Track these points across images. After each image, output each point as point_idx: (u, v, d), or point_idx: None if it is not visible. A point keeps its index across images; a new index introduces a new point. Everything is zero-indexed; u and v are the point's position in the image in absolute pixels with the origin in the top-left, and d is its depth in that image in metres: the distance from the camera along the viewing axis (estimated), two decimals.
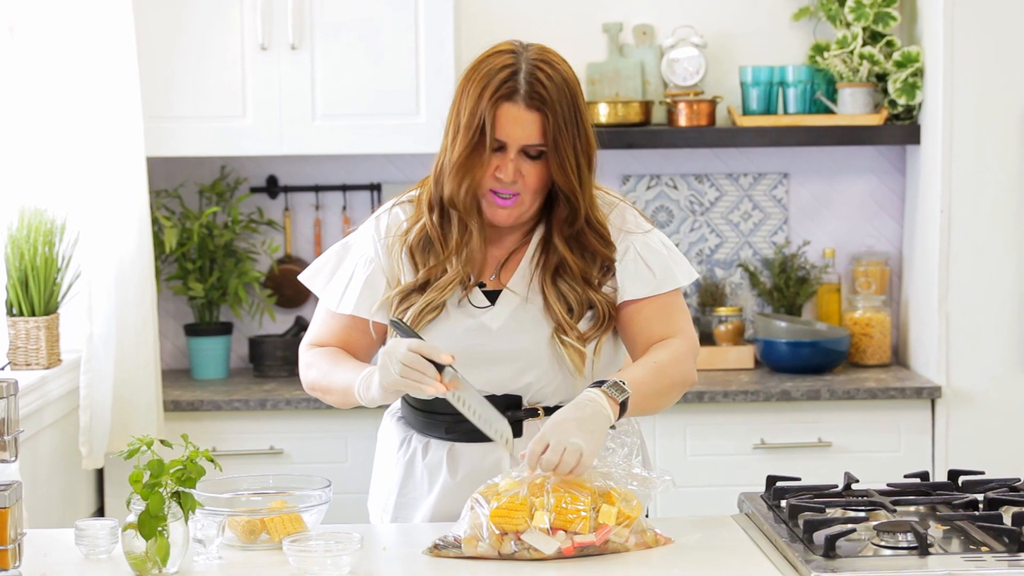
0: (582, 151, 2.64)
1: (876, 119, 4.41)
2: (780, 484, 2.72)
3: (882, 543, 2.41)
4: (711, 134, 4.43)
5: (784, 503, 2.63)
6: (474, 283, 2.70)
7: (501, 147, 2.62)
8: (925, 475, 2.79)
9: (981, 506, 2.62)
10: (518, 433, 2.65)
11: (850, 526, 2.43)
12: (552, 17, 4.58)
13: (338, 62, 4.26)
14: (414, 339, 2.53)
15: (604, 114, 4.43)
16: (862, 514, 2.53)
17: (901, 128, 4.41)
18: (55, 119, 3.98)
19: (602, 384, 2.51)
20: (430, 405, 2.72)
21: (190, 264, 4.46)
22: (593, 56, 4.60)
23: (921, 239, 4.42)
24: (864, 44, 4.44)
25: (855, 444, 4.20)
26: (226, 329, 4.51)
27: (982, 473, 2.76)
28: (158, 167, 4.51)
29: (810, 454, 4.19)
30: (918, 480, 2.77)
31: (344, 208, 4.64)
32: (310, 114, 4.27)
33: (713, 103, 4.46)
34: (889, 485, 2.74)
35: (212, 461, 2.42)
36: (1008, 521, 2.46)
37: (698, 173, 4.65)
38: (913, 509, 2.64)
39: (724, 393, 4.16)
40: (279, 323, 4.65)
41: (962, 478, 2.75)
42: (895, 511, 2.58)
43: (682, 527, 2.59)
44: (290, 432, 4.18)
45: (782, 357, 4.39)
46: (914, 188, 4.49)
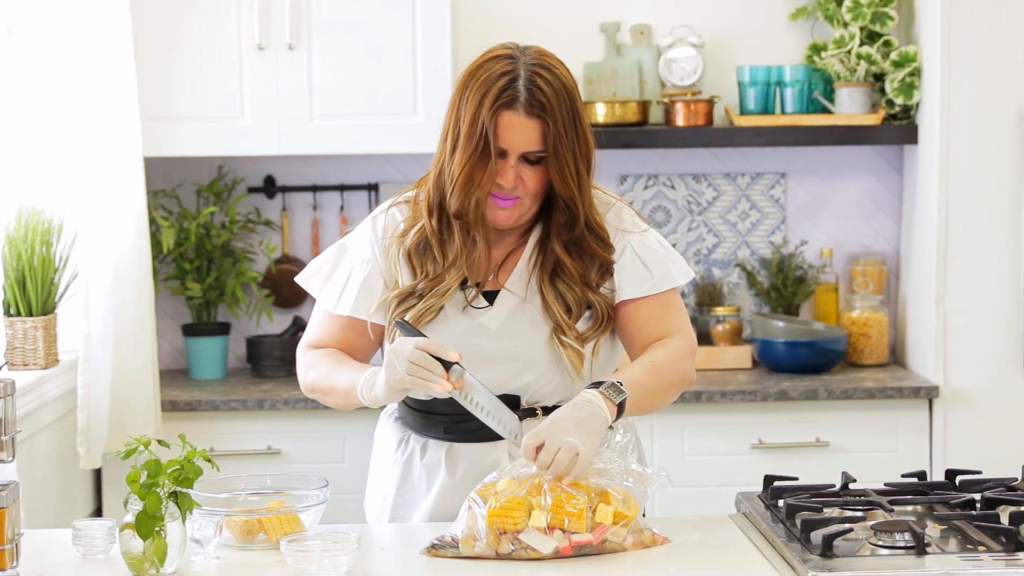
0: (581, 156, 2.64)
1: (873, 119, 4.40)
2: (777, 484, 2.72)
3: (879, 543, 2.41)
4: (708, 134, 4.43)
5: (781, 503, 2.63)
6: (472, 285, 2.70)
7: (502, 154, 2.62)
8: (922, 475, 2.79)
9: (978, 506, 2.62)
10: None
11: (847, 526, 2.42)
12: (549, 17, 4.58)
13: (335, 62, 4.26)
14: (421, 337, 2.53)
15: (601, 114, 4.42)
16: (859, 514, 2.53)
17: (898, 128, 4.40)
18: (53, 119, 3.98)
19: (600, 385, 2.51)
20: (428, 405, 2.72)
21: (188, 264, 4.45)
22: (590, 56, 4.60)
23: (919, 239, 4.42)
24: (861, 44, 4.44)
25: (852, 444, 4.20)
26: (224, 329, 4.51)
27: (979, 473, 2.76)
28: (156, 167, 4.51)
29: (807, 454, 4.19)
30: (915, 480, 2.77)
31: (342, 208, 4.64)
32: (307, 114, 4.27)
33: (710, 103, 4.46)
34: (886, 485, 2.75)
35: (209, 461, 2.42)
36: (1005, 520, 2.46)
37: (695, 173, 4.65)
38: (910, 509, 2.64)
39: (722, 393, 4.16)
40: (277, 323, 4.64)
41: (959, 478, 2.75)
42: (892, 511, 2.58)
43: (680, 527, 2.59)
44: (288, 432, 4.18)
45: (780, 357, 4.39)
46: (912, 188, 4.49)
